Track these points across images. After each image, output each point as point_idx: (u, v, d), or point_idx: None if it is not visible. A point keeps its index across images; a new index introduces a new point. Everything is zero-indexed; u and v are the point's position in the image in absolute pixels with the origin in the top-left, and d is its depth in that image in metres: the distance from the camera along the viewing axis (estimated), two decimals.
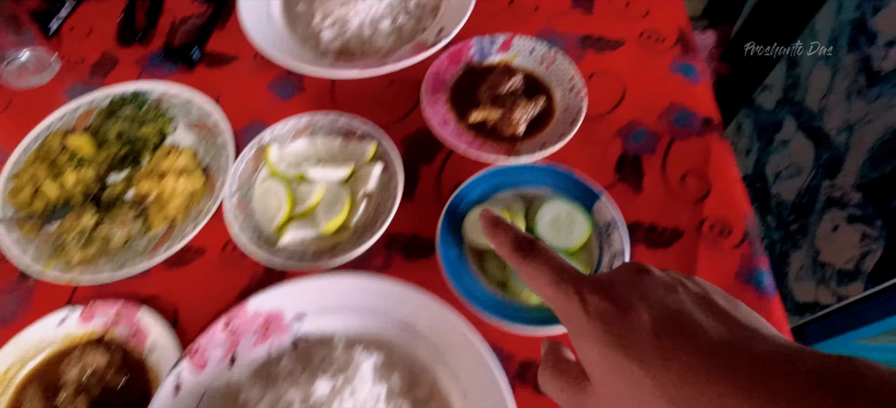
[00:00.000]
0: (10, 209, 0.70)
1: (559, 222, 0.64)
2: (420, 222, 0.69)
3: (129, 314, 0.62)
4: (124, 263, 0.65)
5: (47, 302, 0.65)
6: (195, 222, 0.67)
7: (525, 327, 0.59)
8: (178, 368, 0.56)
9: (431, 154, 0.74)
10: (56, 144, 0.70)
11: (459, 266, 0.63)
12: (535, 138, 0.72)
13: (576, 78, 0.74)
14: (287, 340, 0.60)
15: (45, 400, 0.58)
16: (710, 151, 0.73)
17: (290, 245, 0.65)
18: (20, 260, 0.65)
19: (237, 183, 0.69)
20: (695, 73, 0.80)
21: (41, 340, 0.61)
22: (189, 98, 0.77)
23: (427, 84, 0.74)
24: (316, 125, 0.72)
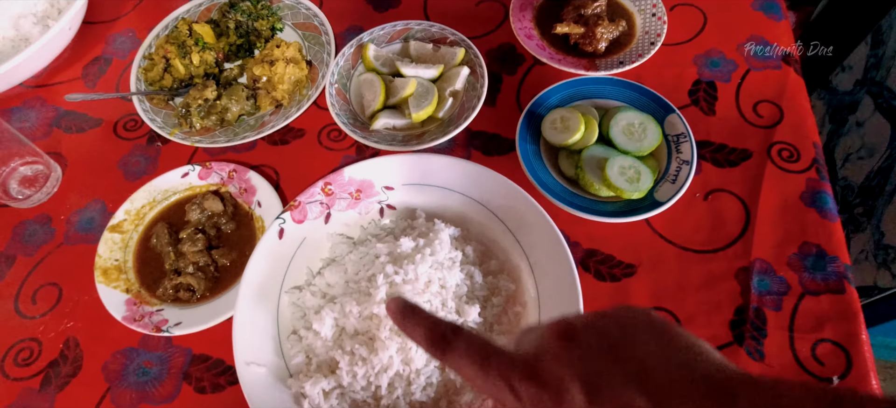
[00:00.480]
0: (143, 83, 0.79)
1: (632, 128, 0.68)
2: (501, 124, 0.74)
3: (240, 174, 0.71)
4: (236, 135, 0.73)
5: (171, 162, 0.75)
6: (298, 106, 0.75)
7: (593, 215, 0.63)
8: (282, 217, 0.64)
9: (514, 67, 0.79)
10: (184, 29, 0.79)
11: (535, 160, 0.68)
12: (615, 56, 0.75)
13: (658, 4, 0.77)
14: (375, 206, 0.67)
15: (170, 234, 0.67)
16: (785, 83, 0.75)
17: (382, 129, 0.72)
18: (151, 125, 0.75)
19: (337, 75, 0.75)
20: (777, 11, 0.81)
21: (168, 188, 0.71)
22: (297, 1, 0.85)
23: (516, 2, 0.78)
24: (412, 31, 0.78)
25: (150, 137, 0.77)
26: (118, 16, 0.89)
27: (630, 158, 0.66)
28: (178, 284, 0.63)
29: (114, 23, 0.88)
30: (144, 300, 0.63)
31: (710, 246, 0.64)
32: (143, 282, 0.65)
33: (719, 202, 0.67)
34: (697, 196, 0.67)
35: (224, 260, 0.66)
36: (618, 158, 0.65)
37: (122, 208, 0.69)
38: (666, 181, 0.65)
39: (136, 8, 0.90)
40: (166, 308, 0.63)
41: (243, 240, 0.68)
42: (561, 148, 0.69)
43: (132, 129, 0.78)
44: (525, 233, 0.62)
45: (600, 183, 0.64)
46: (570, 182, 0.67)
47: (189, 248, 0.65)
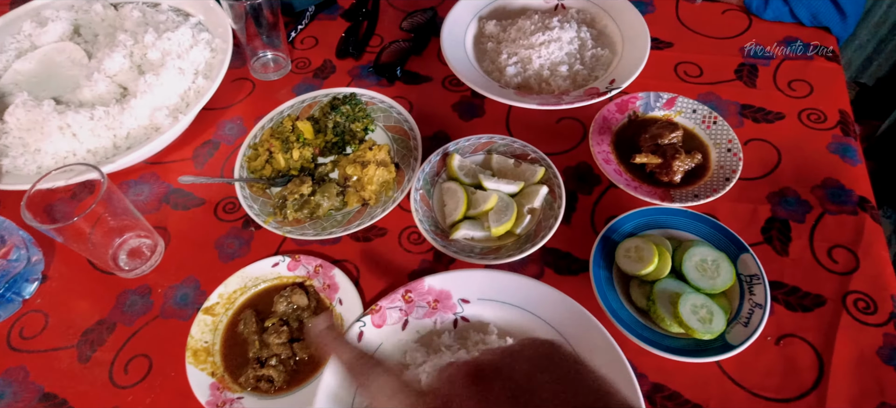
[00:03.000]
0: (245, 171, 0.85)
1: (705, 265, 0.67)
2: (574, 244, 0.74)
3: (325, 270, 0.73)
4: (324, 229, 0.77)
5: (261, 248, 0.78)
6: (383, 207, 0.78)
7: (662, 352, 0.62)
8: (363, 321, 0.66)
9: (590, 187, 0.80)
10: (288, 125, 0.85)
11: (607, 287, 0.68)
12: (690, 188, 0.75)
13: (734, 141, 0.77)
14: (450, 318, 0.68)
15: (257, 322, 0.70)
16: (862, 230, 0.73)
17: (461, 240, 0.74)
18: (249, 211, 0.79)
19: (422, 180, 0.79)
20: (854, 155, 0.80)
21: (259, 275, 0.74)
22: (390, 105, 0.89)
23: (595, 125, 0.80)
24: (495, 144, 0.81)
25: (246, 221, 0.81)
26: (231, 104, 0.96)
27: (703, 296, 0.65)
28: (260, 376, 0.65)
29: (226, 110, 0.95)
30: (227, 385, 0.66)
31: (781, 394, 0.62)
32: (227, 366, 0.67)
33: (792, 348, 0.65)
34: (769, 339, 0.65)
35: (303, 354, 0.68)
36: (690, 295, 0.65)
37: (216, 292, 0.72)
38: (738, 323, 0.64)
39: (248, 98, 0.97)
40: (246, 396, 0.65)
41: None
42: (633, 277, 0.69)
43: (231, 211, 0.83)
44: (594, 360, 0.62)
45: (672, 319, 0.64)
46: (641, 312, 0.67)
47: (274, 339, 0.67)
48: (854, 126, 0.83)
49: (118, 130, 0.82)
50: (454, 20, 0.96)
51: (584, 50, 0.90)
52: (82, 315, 0.74)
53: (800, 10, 0.94)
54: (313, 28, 1.08)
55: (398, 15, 1.08)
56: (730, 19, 0.99)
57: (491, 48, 0.94)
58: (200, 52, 0.91)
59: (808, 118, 0.84)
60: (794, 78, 0.89)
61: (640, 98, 0.83)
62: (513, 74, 0.89)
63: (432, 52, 1.00)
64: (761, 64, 0.92)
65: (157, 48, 0.88)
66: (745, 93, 0.89)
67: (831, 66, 0.91)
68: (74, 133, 0.79)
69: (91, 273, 0.78)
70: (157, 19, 0.94)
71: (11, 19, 0.99)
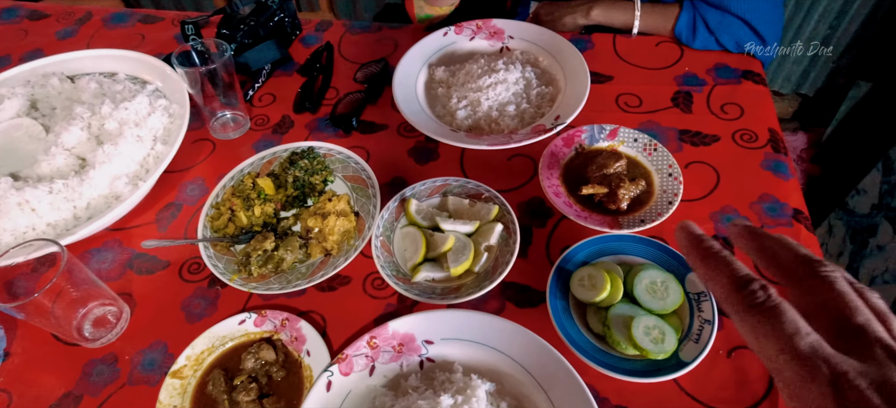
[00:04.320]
0: (209, 231, 0.85)
1: (655, 287, 0.70)
2: (531, 276, 0.76)
3: (292, 322, 0.74)
4: (289, 282, 0.78)
5: (228, 305, 0.78)
6: (346, 256, 0.79)
7: (621, 375, 0.64)
8: (330, 370, 0.67)
9: (543, 220, 0.83)
10: (248, 183, 0.86)
11: (565, 316, 0.70)
12: (636, 214, 0.79)
13: (674, 165, 0.81)
14: (416, 360, 0.69)
15: (226, 381, 0.70)
16: (798, 240, 0.77)
17: (422, 282, 0.75)
18: (213, 270, 0.80)
19: (382, 227, 0.80)
20: (785, 170, 0.85)
21: (225, 334, 0.74)
22: (347, 156, 0.91)
23: (544, 161, 0.84)
24: (450, 186, 0.84)
25: (211, 280, 0.81)
26: (191, 165, 0.96)
27: (654, 317, 0.68)
28: None
29: (187, 171, 0.95)
30: None
31: (737, 404, 0.64)
32: None
33: (743, 360, 0.67)
34: (721, 353, 0.68)
35: None
36: (643, 317, 0.67)
37: (183, 354, 0.72)
38: (690, 340, 0.67)
39: (208, 158, 0.98)
40: None
41: (292, 388, 0.70)
42: (589, 304, 0.71)
43: (195, 272, 0.83)
44: (556, 390, 0.63)
45: (627, 342, 0.66)
46: (599, 338, 0.69)
47: (243, 397, 0.67)
48: (783, 143, 0.88)
49: (78, 202, 0.82)
50: (405, 69, 0.99)
51: (530, 89, 0.94)
52: (47, 390, 0.72)
53: (724, 38, 1.00)
54: (270, 85, 1.10)
55: (352, 67, 1.11)
56: (664, 51, 1.05)
57: (441, 93, 0.98)
58: (158, 118, 0.92)
59: (741, 138, 0.89)
60: (726, 101, 0.95)
61: (584, 131, 0.87)
62: (464, 117, 0.92)
63: (386, 100, 1.03)
64: (695, 90, 0.97)
65: (115, 118, 0.89)
66: (683, 118, 0.93)
67: (759, 88, 0.97)
68: (33, 208, 0.79)
69: (55, 346, 0.76)
70: (113, 89, 0.95)
71: None
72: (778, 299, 0.28)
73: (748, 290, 0.29)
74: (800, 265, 0.31)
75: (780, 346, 0.27)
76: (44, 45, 1.24)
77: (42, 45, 1.24)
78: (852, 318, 0.28)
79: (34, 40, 1.25)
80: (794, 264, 0.31)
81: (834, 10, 1.91)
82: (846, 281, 0.30)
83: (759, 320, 0.28)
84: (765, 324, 0.28)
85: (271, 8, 1.10)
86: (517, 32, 1.05)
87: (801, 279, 0.31)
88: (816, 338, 0.27)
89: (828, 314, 0.29)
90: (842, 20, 1.93)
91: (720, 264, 0.31)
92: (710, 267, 0.32)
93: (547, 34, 1.02)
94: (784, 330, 0.27)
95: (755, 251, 0.34)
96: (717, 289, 0.31)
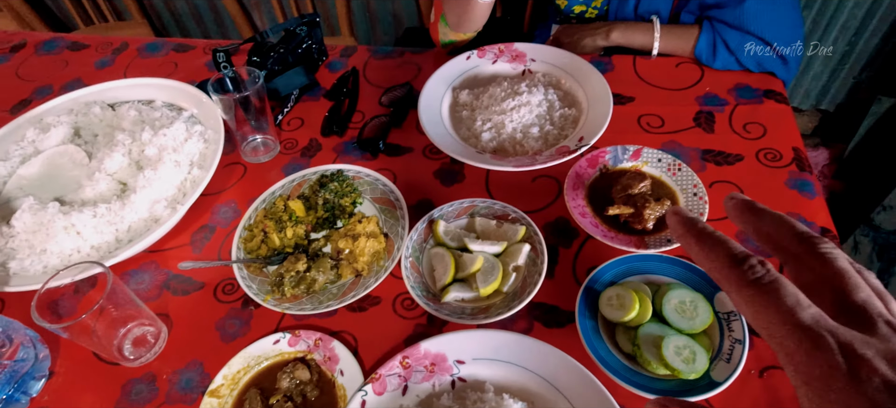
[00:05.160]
0: (242, 252, 0.87)
1: (684, 307, 0.70)
2: (559, 296, 0.77)
3: (325, 343, 0.75)
4: (321, 303, 0.79)
5: (261, 326, 0.80)
6: (376, 276, 0.80)
7: (652, 395, 0.64)
8: (364, 389, 0.68)
9: (569, 240, 0.83)
10: (280, 205, 0.88)
11: (594, 336, 0.70)
12: (662, 234, 0.79)
13: (699, 185, 0.82)
14: (447, 379, 0.70)
15: (262, 400, 0.71)
16: None
17: (452, 302, 0.76)
18: (247, 291, 0.82)
19: (411, 248, 0.82)
20: (811, 189, 0.85)
21: (260, 354, 0.75)
22: (376, 178, 0.93)
23: (569, 181, 0.85)
24: (477, 208, 0.85)
25: (245, 301, 0.83)
26: (224, 188, 0.99)
27: (684, 337, 0.68)
28: None
29: (219, 194, 0.98)
30: None
31: None
32: None
33: (775, 379, 0.67)
34: (752, 373, 0.68)
35: None
36: (673, 337, 0.67)
37: (220, 373, 0.73)
38: (721, 360, 0.66)
39: (240, 181, 1.01)
40: None
41: (326, 407, 0.71)
42: (618, 323, 0.72)
43: (230, 292, 0.85)
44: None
45: (657, 362, 0.66)
46: (629, 357, 0.69)
47: None
48: (808, 161, 0.88)
49: (119, 225, 0.85)
50: (429, 93, 1.01)
51: (553, 111, 0.96)
52: None
53: (745, 58, 1.00)
54: (298, 110, 1.13)
55: (377, 91, 1.13)
56: (684, 71, 1.06)
57: (466, 116, 1.00)
58: (194, 144, 0.95)
59: (764, 157, 0.90)
60: (748, 121, 0.95)
61: (608, 152, 0.88)
62: (488, 139, 0.94)
63: (411, 123, 1.05)
64: (716, 110, 0.98)
65: (154, 144, 0.92)
66: (705, 138, 0.94)
67: (781, 107, 0.97)
68: (78, 231, 0.82)
69: (96, 365, 0.78)
70: (152, 117, 0.99)
71: (14, 127, 1.03)
72: (776, 274, 0.28)
73: (747, 265, 0.28)
74: (799, 242, 0.31)
75: (782, 318, 0.26)
76: (83, 75, 1.28)
77: (82, 75, 1.28)
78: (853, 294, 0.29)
79: (74, 70, 1.30)
80: (794, 241, 0.31)
81: (852, 26, 1.91)
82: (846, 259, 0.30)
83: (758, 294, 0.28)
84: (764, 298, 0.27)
85: (300, 35, 1.13)
86: (539, 55, 1.07)
87: (801, 256, 0.31)
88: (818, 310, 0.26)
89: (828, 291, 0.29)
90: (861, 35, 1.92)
91: (716, 243, 0.31)
92: (706, 246, 0.31)
93: (568, 56, 1.04)
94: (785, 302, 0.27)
95: (753, 228, 0.34)
96: (715, 267, 0.30)
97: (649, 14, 1.10)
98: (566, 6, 1.21)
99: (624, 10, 1.12)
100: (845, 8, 1.86)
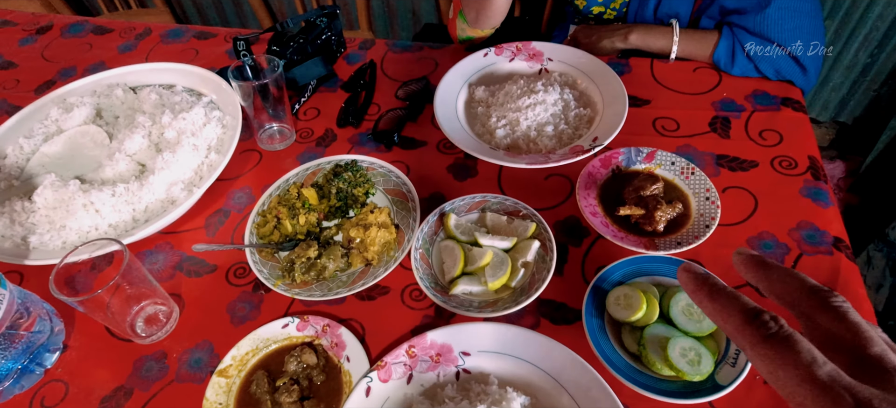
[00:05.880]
0: (254, 237, 0.88)
1: (691, 309, 0.70)
2: (567, 294, 0.77)
3: (333, 329, 0.76)
4: (330, 290, 0.80)
5: (271, 310, 0.81)
6: (386, 266, 0.81)
7: (656, 395, 0.64)
8: (370, 376, 0.68)
9: (579, 239, 0.83)
10: (294, 192, 0.89)
11: (600, 335, 0.70)
12: (672, 237, 0.79)
13: (712, 189, 0.81)
14: (452, 370, 0.70)
15: (269, 382, 0.72)
16: (838, 269, 0.75)
17: (460, 295, 0.77)
18: (259, 275, 0.82)
19: (421, 240, 0.82)
20: (825, 198, 0.84)
21: (269, 337, 0.76)
22: (389, 170, 0.94)
23: (581, 180, 0.85)
24: (489, 203, 0.85)
25: (256, 285, 0.84)
26: (239, 174, 1.00)
27: (690, 339, 0.67)
28: None
29: (235, 180, 0.99)
30: None
31: None
32: None
33: None
34: (758, 378, 0.67)
35: None
36: (679, 339, 0.67)
37: (229, 354, 0.74)
38: (726, 364, 0.66)
39: (255, 168, 1.02)
40: None
41: (332, 392, 0.71)
42: (624, 323, 0.71)
43: (241, 276, 0.86)
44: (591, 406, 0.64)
45: (663, 363, 0.66)
46: (634, 357, 0.69)
47: (285, 398, 0.69)
48: (824, 171, 0.87)
49: (137, 205, 0.86)
50: (446, 88, 1.02)
51: (568, 110, 0.96)
52: (101, 382, 0.75)
53: (764, 66, 0.99)
54: (315, 100, 1.14)
55: (393, 85, 1.14)
56: (701, 76, 1.05)
57: (481, 112, 1.00)
58: (212, 129, 0.96)
59: (780, 165, 0.89)
60: (765, 128, 0.94)
61: (622, 153, 0.88)
62: (502, 136, 0.94)
63: (426, 118, 1.05)
64: (733, 116, 0.97)
65: (173, 128, 0.93)
66: (720, 144, 0.93)
67: (798, 115, 0.96)
68: (97, 209, 0.84)
69: (109, 341, 0.80)
70: (172, 100, 1.00)
71: (39, 106, 1.05)
72: (790, 330, 0.28)
73: (760, 321, 0.29)
74: (810, 296, 0.31)
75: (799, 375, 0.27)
76: (107, 58, 1.30)
77: (105, 58, 1.31)
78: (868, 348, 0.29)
79: (98, 54, 1.32)
80: (805, 295, 0.31)
81: (875, 38, 1.88)
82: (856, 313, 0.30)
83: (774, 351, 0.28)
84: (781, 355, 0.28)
85: (319, 27, 1.14)
86: (556, 55, 1.07)
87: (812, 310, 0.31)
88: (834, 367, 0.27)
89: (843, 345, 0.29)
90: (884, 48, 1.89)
91: (729, 300, 0.31)
92: (719, 304, 0.31)
93: (585, 57, 1.04)
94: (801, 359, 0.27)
95: (763, 283, 0.34)
96: (729, 324, 0.31)
97: (669, 17, 1.09)
98: (585, 6, 1.20)
99: (643, 12, 1.12)
100: (869, 20, 1.84)
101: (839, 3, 1.85)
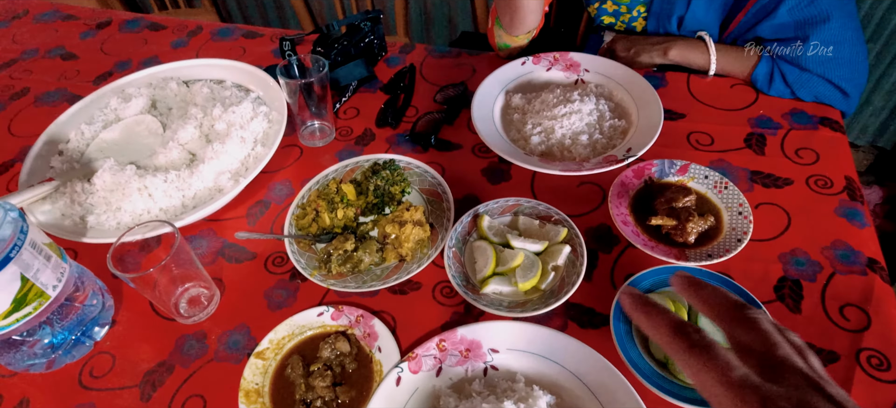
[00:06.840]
0: (294, 228, 0.92)
1: None
2: (595, 299, 0.78)
3: (366, 320, 0.78)
4: (364, 282, 0.82)
5: (306, 298, 0.83)
6: (419, 263, 0.83)
7: (682, 403, 0.64)
8: (401, 366, 0.70)
9: (609, 247, 0.84)
10: (333, 187, 0.92)
11: (627, 340, 0.71)
12: (703, 249, 0.79)
13: (745, 204, 0.81)
14: (480, 366, 0.72)
15: (303, 366, 0.74)
16: (872, 290, 0.75)
17: (490, 294, 0.78)
18: (296, 265, 0.85)
19: (454, 239, 0.84)
20: (861, 219, 0.83)
21: (305, 324, 0.79)
22: (425, 170, 0.96)
23: (614, 189, 0.85)
24: (522, 207, 0.87)
25: (293, 274, 0.87)
26: (281, 168, 1.04)
27: None
28: None
29: (276, 173, 1.03)
30: None
31: None
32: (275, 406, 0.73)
33: None
34: None
35: (345, 397, 0.72)
36: None
37: (266, 338, 0.77)
38: None
39: (296, 162, 1.06)
40: None
41: (363, 380, 0.74)
42: None
43: (279, 265, 0.89)
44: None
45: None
46: (660, 364, 0.69)
47: (318, 382, 0.72)
48: (861, 191, 0.86)
49: (187, 191, 0.91)
50: (483, 93, 1.04)
51: (603, 121, 0.97)
52: (145, 357, 0.79)
53: (802, 92, 0.98)
54: (355, 100, 1.17)
55: (432, 89, 1.16)
56: (738, 93, 1.05)
57: (517, 119, 1.01)
58: (259, 123, 1.00)
59: (815, 184, 0.88)
60: (801, 146, 0.94)
61: (655, 165, 0.88)
62: (537, 143, 0.95)
63: (463, 122, 1.08)
64: (769, 133, 0.97)
65: (223, 120, 0.98)
66: (755, 160, 0.93)
67: (836, 135, 0.95)
68: (150, 194, 0.88)
69: (154, 319, 0.84)
70: (222, 95, 1.05)
71: (100, 95, 1.11)
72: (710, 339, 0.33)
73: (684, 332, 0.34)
74: (731, 311, 0.36)
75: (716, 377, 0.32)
76: (160, 53, 1.37)
77: (158, 53, 1.37)
78: (775, 352, 0.33)
79: (152, 48, 1.39)
80: (728, 310, 0.37)
81: None
82: (770, 322, 0.36)
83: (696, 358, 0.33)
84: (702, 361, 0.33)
85: (363, 30, 1.18)
86: (593, 66, 1.08)
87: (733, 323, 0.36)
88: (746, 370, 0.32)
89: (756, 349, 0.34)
90: None
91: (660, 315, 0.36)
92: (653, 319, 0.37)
93: (622, 69, 1.04)
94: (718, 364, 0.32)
95: (695, 300, 0.39)
96: (661, 336, 0.36)
97: (693, 32, 1.09)
98: (595, 14, 1.22)
99: (666, 25, 1.12)
100: None
101: (883, 26, 1.82)
